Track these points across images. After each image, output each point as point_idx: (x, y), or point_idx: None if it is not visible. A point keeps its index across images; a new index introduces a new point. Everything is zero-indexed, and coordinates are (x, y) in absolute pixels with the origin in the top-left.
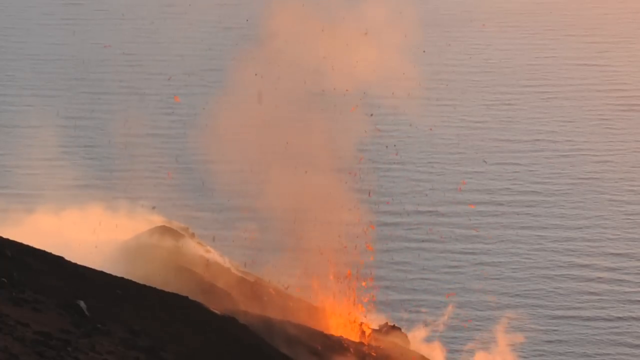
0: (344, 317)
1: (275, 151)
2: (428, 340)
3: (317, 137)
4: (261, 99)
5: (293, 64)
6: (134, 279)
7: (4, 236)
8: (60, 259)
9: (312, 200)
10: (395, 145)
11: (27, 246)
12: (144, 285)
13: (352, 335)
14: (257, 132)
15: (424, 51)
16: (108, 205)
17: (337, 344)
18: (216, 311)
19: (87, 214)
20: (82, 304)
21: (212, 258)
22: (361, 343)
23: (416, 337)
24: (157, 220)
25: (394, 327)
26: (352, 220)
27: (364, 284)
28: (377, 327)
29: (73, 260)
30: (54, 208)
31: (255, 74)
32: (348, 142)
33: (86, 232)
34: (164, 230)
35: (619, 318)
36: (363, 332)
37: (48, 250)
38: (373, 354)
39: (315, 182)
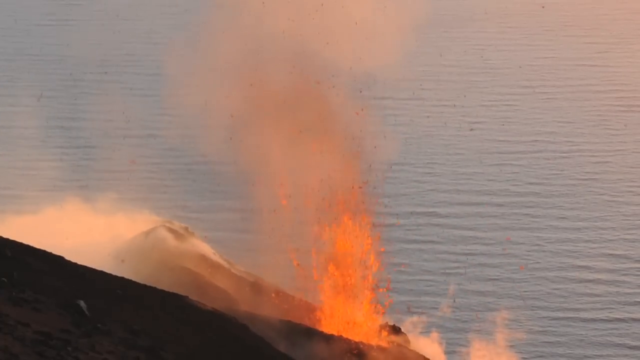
0: (345, 317)
1: (275, 152)
2: (428, 340)
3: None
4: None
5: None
6: (133, 279)
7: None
8: (60, 259)
9: (313, 201)
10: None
11: (28, 246)
12: (144, 285)
13: (352, 335)
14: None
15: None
16: (106, 206)
17: (337, 344)
18: (215, 311)
19: (85, 214)
20: (82, 304)
21: (212, 257)
22: (361, 342)
23: (416, 337)
24: (157, 220)
25: (394, 327)
26: (357, 222)
27: (381, 289)
28: (377, 328)
29: (73, 260)
30: (49, 208)
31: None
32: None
33: (85, 232)
34: (164, 229)
35: (618, 319)
36: (364, 332)
37: (48, 250)
38: (373, 354)
39: (316, 183)
